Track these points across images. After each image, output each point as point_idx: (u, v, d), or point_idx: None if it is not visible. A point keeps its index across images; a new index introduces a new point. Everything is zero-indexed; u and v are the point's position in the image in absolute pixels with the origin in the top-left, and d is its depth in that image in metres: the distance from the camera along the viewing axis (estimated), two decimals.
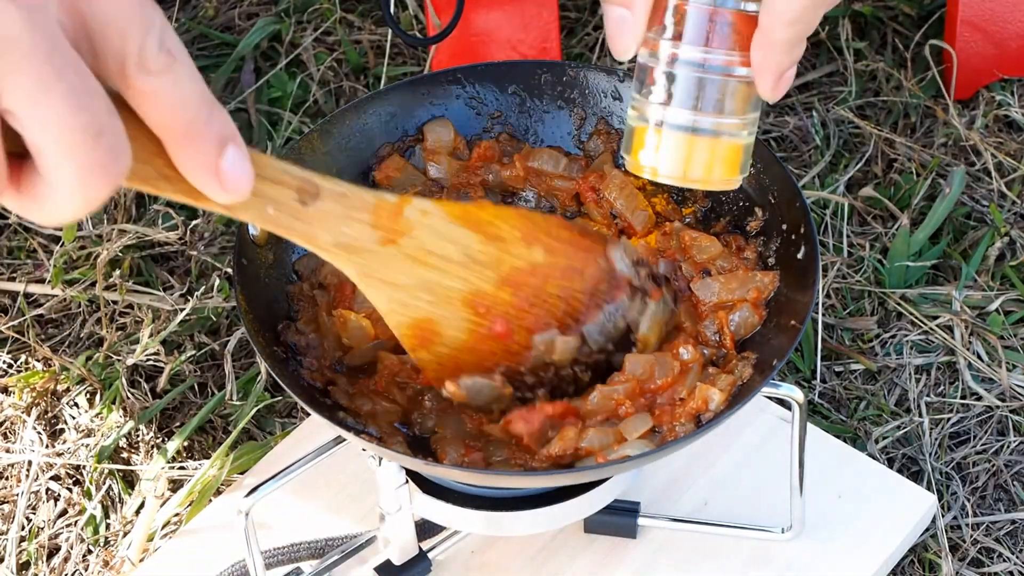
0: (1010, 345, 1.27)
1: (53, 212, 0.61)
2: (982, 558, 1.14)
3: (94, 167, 0.60)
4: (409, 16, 1.55)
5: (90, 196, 0.60)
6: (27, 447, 1.22)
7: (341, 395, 0.94)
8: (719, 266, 1.01)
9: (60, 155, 0.59)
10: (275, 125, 1.49)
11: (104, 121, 0.60)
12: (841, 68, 1.53)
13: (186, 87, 0.63)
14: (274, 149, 1.44)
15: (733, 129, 0.85)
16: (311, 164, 1.04)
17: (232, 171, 0.65)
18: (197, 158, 0.64)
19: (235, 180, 0.65)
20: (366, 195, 0.83)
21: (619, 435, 0.93)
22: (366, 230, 0.83)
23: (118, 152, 0.60)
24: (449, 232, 0.88)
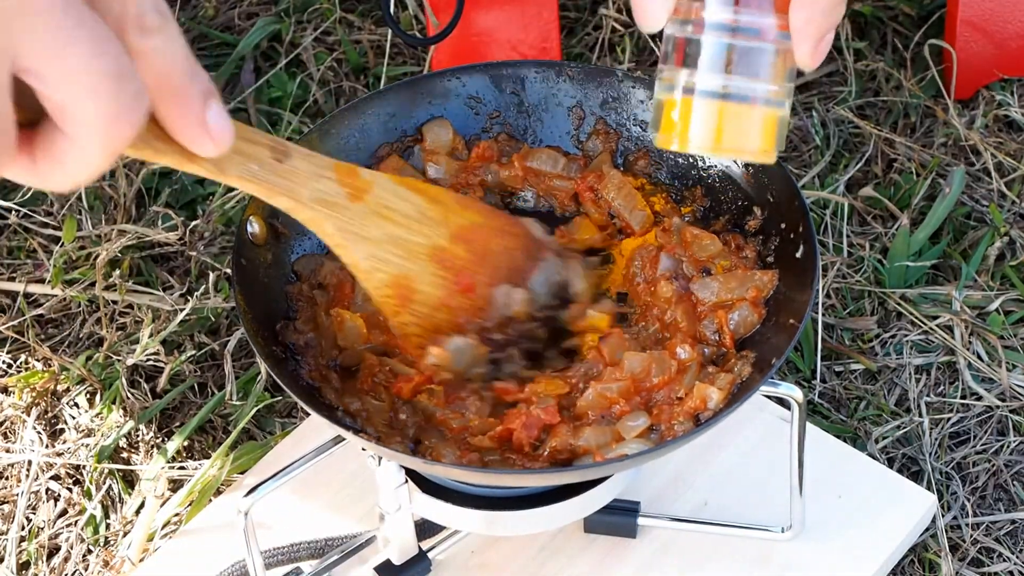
0: (1010, 345, 1.27)
1: (74, 170, 0.63)
2: (982, 558, 1.14)
3: (119, 111, 0.61)
4: (409, 16, 1.55)
5: (114, 144, 0.62)
6: (27, 447, 1.22)
7: (330, 392, 0.95)
8: (719, 264, 1.01)
9: (85, 103, 0.61)
10: (275, 125, 1.49)
11: (125, 65, 0.62)
12: (841, 68, 1.53)
13: (176, 47, 0.65)
14: None
15: (768, 96, 0.83)
16: None
17: (217, 123, 0.68)
18: (186, 114, 0.67)
19: (220, 132, 0.68)
20: (324, 157, 0.88)
21: (617, 434, 0.93)
22: (334, 186, 0.87)
23: (139, 94, 0.63)
24: (400, 192, 0.93)
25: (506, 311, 0.97)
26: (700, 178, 1.07)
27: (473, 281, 0.95)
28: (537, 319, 0.98)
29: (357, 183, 0.89)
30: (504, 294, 0.97)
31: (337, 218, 0.88)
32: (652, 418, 0.94)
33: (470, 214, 0.97)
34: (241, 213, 1.29)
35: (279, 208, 0.85)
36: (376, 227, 0.91)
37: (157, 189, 1.42)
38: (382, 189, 0.91)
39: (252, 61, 1.55)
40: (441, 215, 0.95)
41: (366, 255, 0.90)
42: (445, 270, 0.94)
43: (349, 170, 0.89)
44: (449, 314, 0.95)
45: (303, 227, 1.02)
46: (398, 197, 0.92)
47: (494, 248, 0.97)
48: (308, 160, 0.85)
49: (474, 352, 0.95)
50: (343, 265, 1.02)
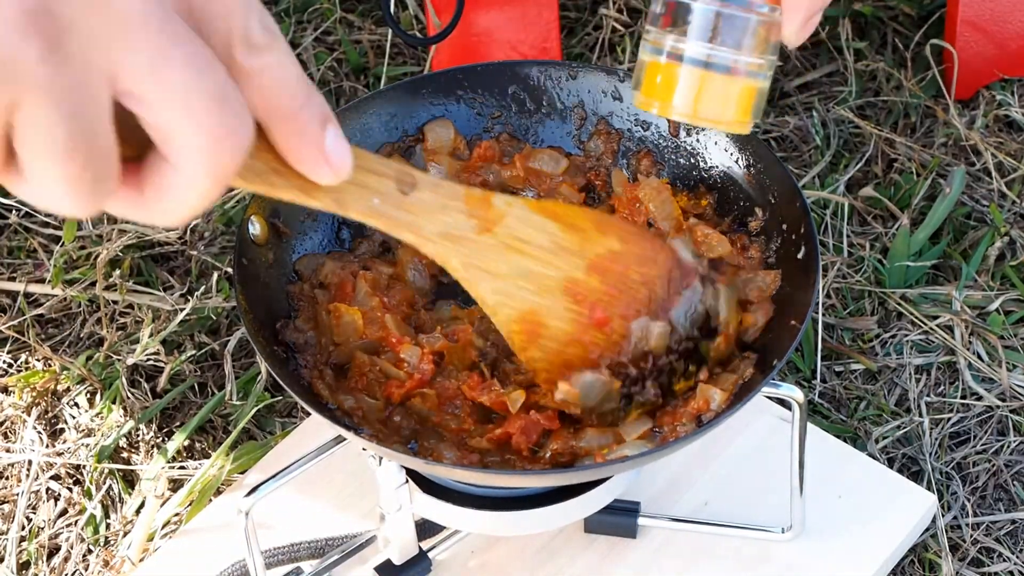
0: (1010, 345, 1.27)
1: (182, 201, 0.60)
2: (982, 558, 1.14)
3: (223, 136, 0.59)
4: (409, 16, 1.55)
5: (219, 171, 0.59)
6: (27, 447, 1.22)
7: (324, 389, 0.95)
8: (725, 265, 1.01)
9: (188, 127, 0.58)
10: None
11: (226, 87, 0.59)
12: (841, 68, 1.53)
13: (288, 65, 0.62)
14: None
15: (750, 68, 0.83)
16: None
17: (335, 149, 0.64)
18: (303, 139, 0.64)
19: (339, 159, 0.65)
20: (456, 185, 0.84)
21: (618, 435, 0.93)
22: (463, 219, 0.84)
23: (243, 117, 0.60)
24: (534, 220, 0.88)
25: (643, 345, 0.92)
26: (702, 178, 1.07)
27: (608, 315, 0.91)
28: (676, 352, 0.94)
29: (488, 214, 0.85)
30: (642, 327, 0.92)
31: (463, 252, 0.84)
32: (654, 420, 0.94)
33: (610, 240, 0.92)
34: (242, 213, 1.29)
35: (403, 241, 0.81)
36: (505, 261, 0.87)
37: None
38: (515, 219, 0.87)
39: None
40: (578, 244, 0.90)
41: (493, 290, 0.87)
42: (578, 304, 0.90)
43: (481, 199, 0.85)
44: (581, 349, 0.91)
45: (305, 227, 1.03)
46: (531, 227, 0.88)
47: (633, 278, 0.93)
48: (436, 191, 0.81)
49: (606, 387, 0.92)
50: (343, 264, 1.02)
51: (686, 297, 0.95)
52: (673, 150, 1.08)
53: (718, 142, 1.06)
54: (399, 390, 0.95)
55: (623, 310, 0.92)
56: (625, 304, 0.92)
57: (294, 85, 0.62)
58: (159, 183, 0.60)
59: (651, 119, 1.08)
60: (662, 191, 1.04)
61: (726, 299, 0.96)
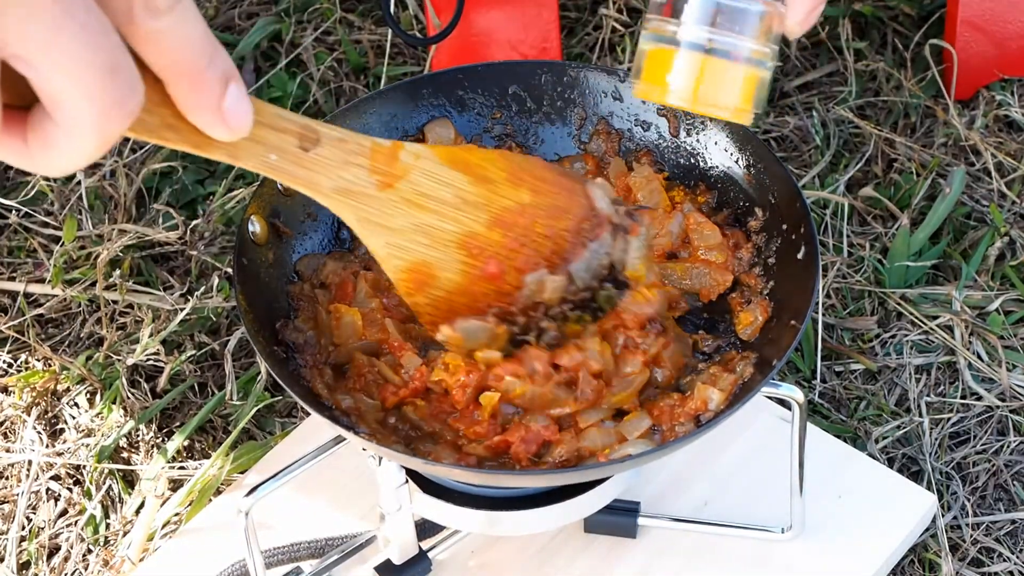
0: (1010, 345, 1.27)
1: (66, 158, 0.61)
2: (982, 558, 1.14)
3: (111, 104, 0.60)
4: (409, 16, 1.55)
5: (107, 135, 0.60)
6: (27, 447, 1.22)
7: (322, 387, 0.95)
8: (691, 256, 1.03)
9: (77, 95, 0.59)
10: None
11: (118, 57, 0.60)
12: (841, 68, 1.53)
13: (191, 27, 0.63)
14: None
15: (752, 56, 0.83)
16: None
17: (234, 108, 0.66)
18: (202, 97, 0.65)
19: (238, 117, 0.66)
20: (362, 139, 0.84)
21: (619, 435, 0.93)
22: (364, 174, 0.84)
23: (133, 86, 0.61)
24: (442, 174, 0.89)
25: (535, 297, 0.93)
26: (702, 177, 1.07)
27: (502, 268, 0.92)
28: (570, 301, 0.94)
29: (394, 168, 0.86)
30: (536, 280, 0.93)
31: (359, 207, 0.85)
32: (653, 419, 0.94)
33: (521, 192, 0.93)
34: (242, 213, 1.29)
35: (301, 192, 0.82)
36: (403, 216, 0.87)
37: (158, 188, 1.42)
38: (420, 174, 0.88)
39: (252, 61, 1.55)
40: (484, 197, 0.91)
41: (386, 243, 0.88)
42: (473, 257, 0.91)
43: (389, 153, 0.86)
44: (469, 299, 0.92)
45: (305, 227, 1.03)
46: (436, 182, 0.89)
47: (537, 231, 0.93)
48: (339, 146, 0.82)
49: (491, 333, 0.92)
50: (344, 264, 1.02)
51: (591, 249, 0.95)
52: (673, 150, 1.08)
53: (718, 142, 1.06)
54: (393, 397, 0.95)
55: (520, 263, 0.92)
56: (524, 258, 0.93)
57: (197, 45, 0.63)
58: (44, 138, 0.61)
59: (651, 119, 1.08)
60: (652, 180, 1.05)
61: (636, 250, 0.97)
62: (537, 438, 0.92)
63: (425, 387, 0.95)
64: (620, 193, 1.06)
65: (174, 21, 0.62)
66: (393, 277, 0.90)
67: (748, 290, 1.02)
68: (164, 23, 0.62)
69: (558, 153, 1.10)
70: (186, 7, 0.62)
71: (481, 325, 0.92)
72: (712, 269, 1.01)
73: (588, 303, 0.95)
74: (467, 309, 0.92)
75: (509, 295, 0.93)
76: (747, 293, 1.02)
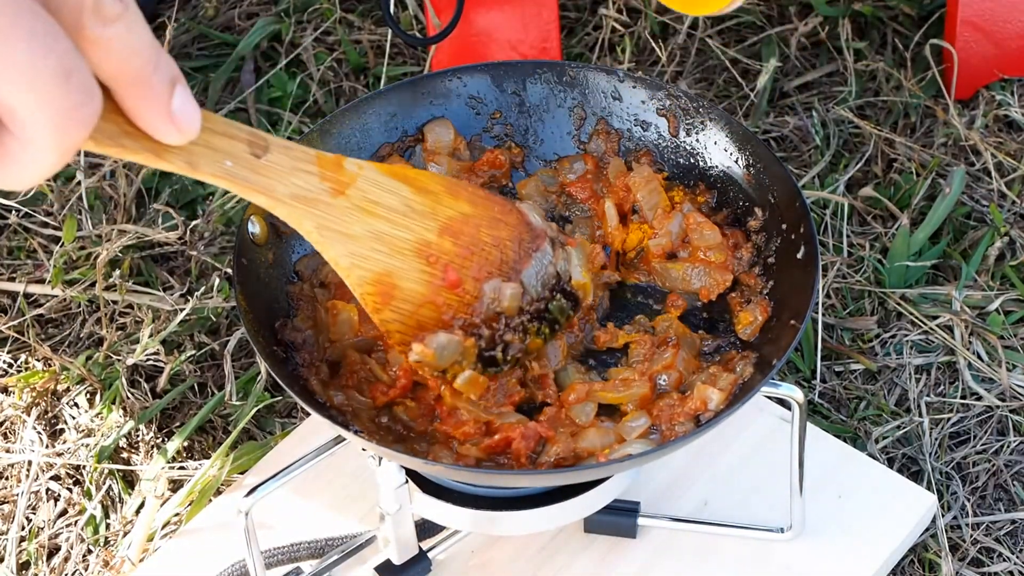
0: (1010, 345, 1.27)
1: (27, 170, 0.60)
2: (982, 558, 1.14)
3: (68, 110, 0.59)
4: (409, 16, 1.55)
5: (66, 144, 0.60)
6: (27, 447, 1.22)
7: (317, 384, 0.95)
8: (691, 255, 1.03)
9: (32, 103, 0.58)
10: (275, 125, 1.49)
11: (72, 62, 0.59)
12: (841, 68, 1.53)
13: (138, 33, 0.63)
14: None
15: None
16: None
17: (182, 110, 0.66)
18: (150, 102, 0.65)
19: (186, 118, 0.66)
20: (306, 148, 0.85)
21: (618, 435, 0.93)
22: (315, 181, 0.84)
23: (89, 91, 0.60)
24: (386, 183, 0.90)
25: (495, 306, 0.94)
26: (702, 177, 1.07)
27: (460, 276, 0.92)
28: (527, 312, 0.95)
29: (341, 176, 0.86)
30: (494, 288, 0.94)
31: (317, 215, 0.85)
32: (653, 419, 0.94)
33: (461, 204, 0.94)
34: (242, 213, 1.29)
35: (257, 204, 0.83)
36: (359, 223, 0.88)
37: (157, 189, 1.42)
38: (366, 182, 0.88)
39: (252, 61, 1.55)
40: (430, 206, 0.92)
41: (346, 252, 0.88)
42: (431, 266, 0.91)
43: (334, 162, 0.86)
44: (434, 311, 0.92)
45: None
46: (383, 190, 0.89)
47: (484, 240, 0.94)
48: (287, 153, 0.82)
49: (460, 347, 0.93)
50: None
51: (536, 259, 0.96)
52: (673, 150, 1.08)
53: (717, 142, 1.06)
54: (384, 396, 0.95)
55: (475, 272, 0.93)
56: (477, 266, 0.93)
57: (144, 51, 0.63)
58: (4, 152, 0.60)
59: (651, 119, 1.08)
60: (651, 180, 1.05)
61: (577, 259, 0.98)
62: (535, 435, 0.92)
63: (412, 385, 0.95)
64: (620, 193, 1.06)
65: (123, 28, 0.62)
66: (359, 292, 0.90)
67: (748, 290, 1.02)
68: (112, 30, 0.62)
69: (557, 153, 1.10)
70: (133, 14, 0.62)
71: (450, 338, 0.92)
72: (712, 269, 1.01)
73: (543, 315, 0.96)
74: (433, 323, 0.92)
75: (470, 306, 0.93)
76: (747, 293, 1.02)
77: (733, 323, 1.00)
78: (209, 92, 1.51)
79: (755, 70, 1.53)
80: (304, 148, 0.84)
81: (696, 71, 1.54)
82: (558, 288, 0.97)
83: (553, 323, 0.96)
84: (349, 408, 0.94)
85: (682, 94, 1.07)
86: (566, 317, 0.97)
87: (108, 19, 0.61)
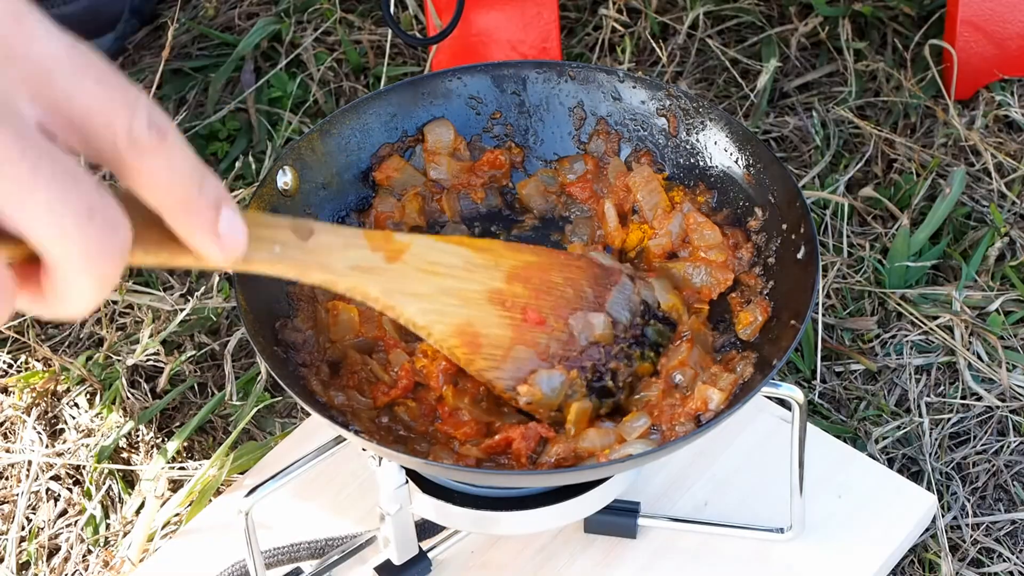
0: (1010, 345, 1.27)
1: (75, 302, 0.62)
2: (982, 558, 1.14)
3: (95, 247, 0.60)
4: (409, 16, 1.55)
5: (102, 277, 0.61)
6: (27, 447, 1.22)
7: (317, 384, 0.95)
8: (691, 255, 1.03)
9: (60, 244, 0.60)
10: (275, 125, 1.49)
11: (93, 199, 0.60)
12: (841, 68, 1.53)
13: (178, 161, 0.63)
14: (274, 149, 1.44)
15: None
16: (311, 164, 1.04)
17: (229, 231, 0.66)
18: (196, 226, 0.65)
19: (232, 240, 0.66)
20: (351, 228, 0.86)
21: (619, 435, 0.93)
22: (368, 253, 0.84)
23: (115, 225, 0.61)
24: (440, 246, 0.90)
25: (589, 337, 0.94)
26: (702, 177, 1.07)
27: (542, 315, 0.92)
28: (624, 339, 0.96)
29: (392, 246, 0.86)
30: (581, 320, 0.94)
31: (380, 280, 0.84)
32: (653, 419, 0.94)
33: (523, 255, 0.94)
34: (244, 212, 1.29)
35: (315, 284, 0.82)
36: (423, 283, 0.87)
37: None
38: (420, 247, 0.88)
39: (252, 61, 1.55)
40: (492, 260, 0.92)
41: (420, 311, 0.87)
42: (508, 310, 0.91)
43: (383, 236, 0.86)
44: (527, 352, 0.92)
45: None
46: (439, 252, 0.89)
47: (556, 280, 0.94)
48: (334, 232, 0.82)
49: (566, 381, 0.93)
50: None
51: (617, 291, 0.96)
52: (673, 150, 1.08)
53: (718, 142, 1.06)
54: (385, 396, 0.95)
55: (556, 309, 0.93)
56: (556, 303, 0.93)
57: (187, 174, 0.63)
58: (53, 288, 0.62)
59: (651, 119, 1.08)
60: (651, 180, 1.05)
61: (661, 288, 0.99)
62: (535, 435, 0.92)
63: (413, 385, 0.95)
64: (620, 193, 1.06)
65: (162, 158, 0.62)
66: (446, 347, 0.89)
67: (748, 290, 1.02)
68: (152, 161, 0.62)
69: (557, 153, 1.10)
70: (173, 141, 0.63)
71: (553, 374, 0.92)
72: (713, 268, 1.01)
73: (643, 340, 0.96)
74: (530, 364, 0.92)
75: (564, 342, 0.93)
76: (747, 293, 1.02)
77: (733, 323, 1.00)
78: (209, 92, 1.51)
79: (755, 70, 1.53)
80: (349, 228, 0.85)
81: (696, 71, 1.54)
82: (649, 315, 0.98)
83: (656, 346, 0.97)
84: (349, 408, 0.94)
85: (682, 94, 1.07)
86: (667, 339, 0.98)
87: (146, 150, 0.62)
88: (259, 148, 1.46)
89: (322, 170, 1.04)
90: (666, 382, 0.96)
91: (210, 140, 1.48)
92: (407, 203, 1.06)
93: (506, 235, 1.07)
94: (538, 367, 0.92)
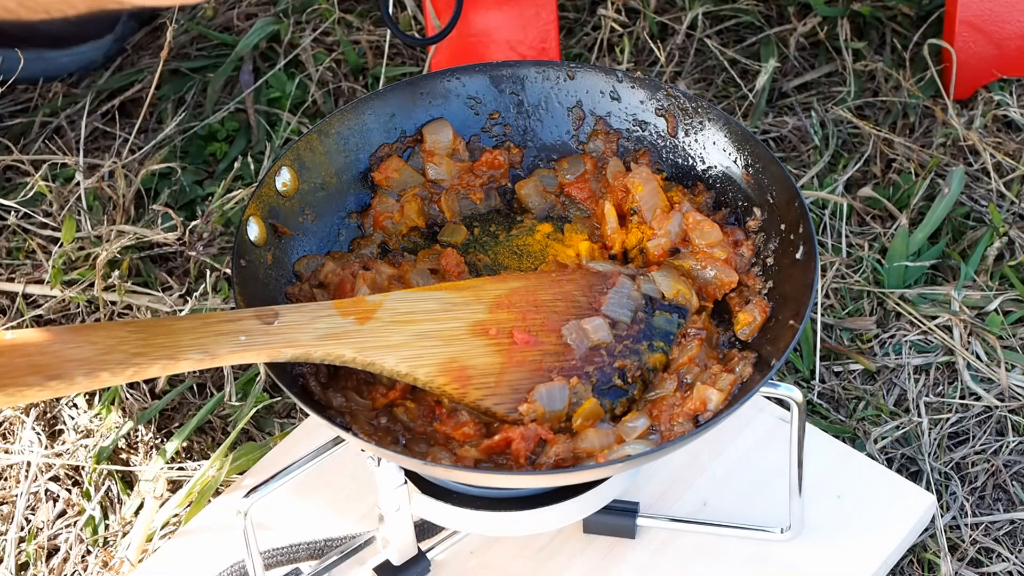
0: (1009, 345, 1.27)
1: None
2: (981, 558, 1.14)
3: None
4: (408, 16, 1.55)
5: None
6: (26, 448, 1.22)
7: (315, 385, 0.95)
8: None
9: None
10: (274, 125, 1.49)
11: None
12: (840, 68, 1.53)
13: None
14: (273, 150, 1.44)
15: None
16: (310, 165, 1.04)
17: None
18: None
19: None
20: (322, 302, 0.87)
21: (618, 436, 0.93)
22: (338, 319, 0.87)
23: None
24: (414, 296, 0.92)
25: (587, 343, 0.95)
26: (700, 177, 1.07)
27: (530, 334, 0.93)
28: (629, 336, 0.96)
29: (363, 307, 0.87)
30: (574, 329, 0.95)
31: (353, 342, 0.86)
32: (652, 419, 0.94)
33: (507, 283, 0.95)
34: (241, 213, 1.29)
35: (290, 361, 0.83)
36: (397, 334, 0.88)
37: (156, 189, 1.42)
38: (393, 302, 0.89)
39: (251, 61, 1.55)
40: (471, 296, 0.93)
41: (399, 359, 0.89)
42: (494, 337, 0.92)
43: (352, 301, 0.88)
44: (521, 372, 0.93)
45: (304, 227, 1.03)
46: (413, 301, 0.90)
47: (544, 299, 0.95)
48: (300, 310, 0.84)
49: (568, 391, 0.93)
50: (343, 264, 1.02)
51: (614, 292, 0.97)
52: (671, 150, 1.08)
53: (716, 142, 1.06)
54: (383, 397, 0.95)
55: (546, 325, 0.94)
56: (544, 320, 0.94)
57: None
58: None
59: (649, 119, 1.08)
60: (650, 181, 1.05)
61: (664, 277, 0.99)
62: (534, 436, 0.92)
63: (411, 387, 0.95)
64: (619, 193, 1.06)
65: None
66: (435, 387, 0.91)
67: (747, 290, 1.02)
68: None
69: (556, 153, 1.10)
70: None
71: (552, 386, 0.93)
72: (718, 266, 1.01)
73: (650, 331, 0.96)
74: (528, 382, 0.93)
75: (559, 354, 0.94)
76: (745, 293, 1.02)
77: (732, 323, 1.00)
78: (208, 93, 1.51)
79: (754, 70, 1.53)
80: (317, 302, 0.87)
81: (695, 71, 1.54)
82: (655, 307, 0.98)
83: (666, 335, 0.97)
84: (348, 409, 0.94)
85: (681, 94, 1.07)
86: (677, 326, 0.98)
87: None
88: (258, 149, 1.46)
89: (321, 171, 1.04)
90: (678, 378, 0.96)
91: (209, 140, 1.48)
92: (406, 203, 1.06)
93: (506, 235, 1.07)
94: (535, 384, 0.93)
